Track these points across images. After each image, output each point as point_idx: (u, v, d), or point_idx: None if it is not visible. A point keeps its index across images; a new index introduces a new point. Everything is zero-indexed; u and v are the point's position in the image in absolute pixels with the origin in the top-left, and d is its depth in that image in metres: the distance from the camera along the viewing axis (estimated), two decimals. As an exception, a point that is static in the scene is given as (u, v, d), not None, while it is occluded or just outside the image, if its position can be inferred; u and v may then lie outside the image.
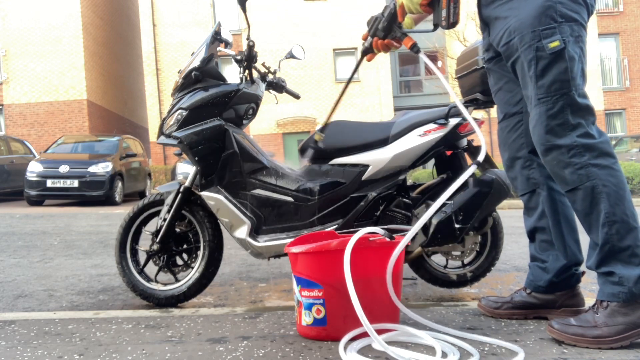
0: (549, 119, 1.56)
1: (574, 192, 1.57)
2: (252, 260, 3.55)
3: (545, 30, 1.54)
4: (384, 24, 1.79)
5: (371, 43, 1.86)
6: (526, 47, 1.58)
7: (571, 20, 1.55)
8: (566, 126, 1.55)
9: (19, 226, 5.93)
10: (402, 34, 1.80)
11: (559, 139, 1.55)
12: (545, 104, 1.57)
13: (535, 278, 1.81)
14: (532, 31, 1.56)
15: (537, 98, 1.59)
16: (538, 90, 1.58)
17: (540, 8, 1.55)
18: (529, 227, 1.85)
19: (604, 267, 1.52)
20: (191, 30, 18.21)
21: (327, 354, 1.47)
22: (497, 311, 1.83)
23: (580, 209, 1.57)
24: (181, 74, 2.28)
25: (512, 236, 4.59)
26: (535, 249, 1.83)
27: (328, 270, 1.58)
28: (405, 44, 1.79)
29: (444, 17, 1.65)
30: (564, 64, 1.54)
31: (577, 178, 1.54)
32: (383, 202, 2.20)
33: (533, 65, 1.57)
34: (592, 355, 1.42)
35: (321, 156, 2.29)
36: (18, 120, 17.32)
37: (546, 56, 1.55)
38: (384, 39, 1.82)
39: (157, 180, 15.61)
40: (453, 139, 2.24)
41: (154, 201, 2.35)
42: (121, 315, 2.01)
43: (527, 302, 1.81)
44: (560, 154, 1.56)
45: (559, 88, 1.55)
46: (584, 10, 1.58)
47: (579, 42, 1.56)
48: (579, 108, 1.55)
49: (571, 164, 1.54)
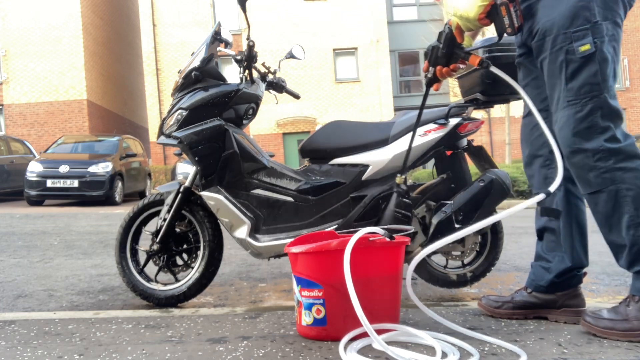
0: (577, 121, 1.55)
1: (596, 195, 1.56)
2: (252, 260, 3.55)
3: (577, 32, 1.52)
4: (444, 50, 1.74)
5: (434, 73, 1.80)
6: (557, 48, 1.56)
7: (606, 20, 1.52)
8: (594, 129, 1.53)
9: (19, 226, 5.93)
10: (466, 54, 1.74)
11: (586, 142, 1.54)
12: (574, 107, 1.55)
13: (537, 278, 1.81)
14: (564, 33, 1.53)
15: (566, 100, 1.57)
16: (567, 93, 1.56)
17: (573, 8, 1.52)
18: (539, 226, 1.84)
19: (637, 267, 1.54)
20: (191, 30, 18.21)
21: (327, 354, 1.47)
22: (498, 310, 1.83)
23: (602, 211, 1.57)
24: (181, 74, 2.28)
25: (512, 236, 4.59)
26: (542, 248, 1.83)
27: (328, 270, 1.58)
28: (472, 62, 1.72)
29: (507, 24, 1.61)
30: (594, 67, 1.52)
31: (601, 181, 1.54)
32: (383, 202, 2.20)
33: (563, 67, 1.55)
34: (593, 356, 1.42)
35: (321, 156, 2.29)
36: (18, 120, 17.32)
37: (576, 60, 1.53)
38: (447, 66, 1.77)
39: (157, 180, 15.61)
40: (453, 139, 2.24)
41: (154, 201, 2.35)
42: (121, 315, 2.01)
43: (527, 301, 1.81)
44: (585, 158, 1.55)
45: (589, 91, 1.53)
46: (620, 7, 1.55)
47: (612, 42, 1.53)
48: (610, 111, 1.53)
49: (596, 167, 1.54)
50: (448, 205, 2.14)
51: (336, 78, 18.65)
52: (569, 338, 1.57)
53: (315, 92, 18.37)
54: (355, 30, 18.53)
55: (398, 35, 19.44)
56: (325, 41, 18.35)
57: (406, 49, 19.76)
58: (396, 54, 19.80)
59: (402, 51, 19.91)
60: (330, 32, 18.39)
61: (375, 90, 18.58)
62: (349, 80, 18.65)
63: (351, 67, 18.82)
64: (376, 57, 18.63)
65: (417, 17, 19.66)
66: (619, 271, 3.04)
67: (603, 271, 3.06)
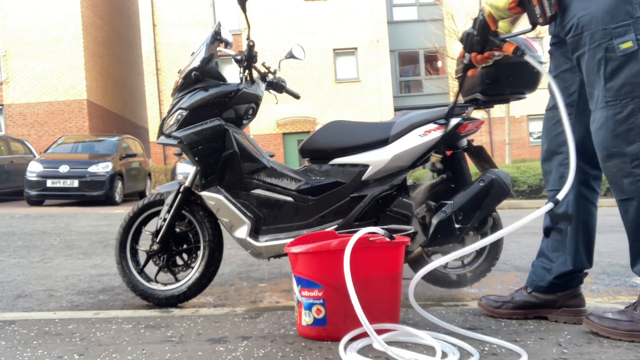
0: (616, 123, 1.48)
1: (628, 202, 1.51)
2: (252, 260, 3.55)
3: (618, 28, 1.44)
4: (478, 37, 1.71)
5: (470, 59, 1.78)
6: (595, 45, 1.48)
7: None
8: (634, 132, 1.47)
9: (19, 226, 5.93)
10: (501, 41, 1.69)
11: (626, 146, 1.47)
12: (613, 108, 1.48)
13: (537, 278, 1.80)
14: (603, 29, 1.46)
15: (604, 100, 1.50)
16: (606, 93, 1.49)
17: (613, 2, 1.44)
18: (546, 224, 1.80)
19: None
20: (191, 30, 18.21)
21: (327, 354, 1.47)
22: (498, 310, 1.83)
23: (632, 219, 1.52)
24: (181, 74, 2.28)
25: (512, 236, 4.59)
26: (547, 245, 1.80)
27: (328, 270, 1.58)
28: (506, 50, 1.68)
29: (539, 14, 1.56)
30: (636, 66, 1.44)
31: (635, 189, 1.48)
32: (383, 202, 2.20)
33: (602, 65, 1.48)
34: (593, 356, 1.42)
35: (321, 156, 2.29)
36: (18, 120, 17.32)
37: (616, 57, 1.45)
38: (482, 53, 1.73)
39: (157, 180, 15.60)
40: (453, 139, 2.24)
41: (154, 201, 2.35)
42: (121, 315, 2.01)
43: (528, 301, 1.81)
44: (622, 163, 1.49)
45: (630, 91, 1.46)
46: None
47: None
48: None
49: (632, 174, 1.47)
50: (448, 205, 2.14)
51: (336, 78, 18.65)
52: (569, 338, 1.58)
53: (315, 92, 18.37)
54: (355, 30, 18.53)
55: (398, 35, 19.44)
56: (325, 41, 18.35)
57: (406, 49, 19.76)
58: (396, 54, 19.80)
59: (402, 51, 19.90)
60: (330, 32, 18.39)
61: (375, 90, 18.58)
62: (349, 80, 18.65)
63: (351, 67, 18.82)
64: (376, 57, 18.63)
65: (417, 17, 19.66)
66: (619, 271, 3.04)
67: (603, 271, 3.06)
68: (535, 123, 19.50)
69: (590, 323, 1.59)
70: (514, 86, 2.13)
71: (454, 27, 14.25)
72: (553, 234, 1.79)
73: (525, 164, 11.18)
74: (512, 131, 16.90)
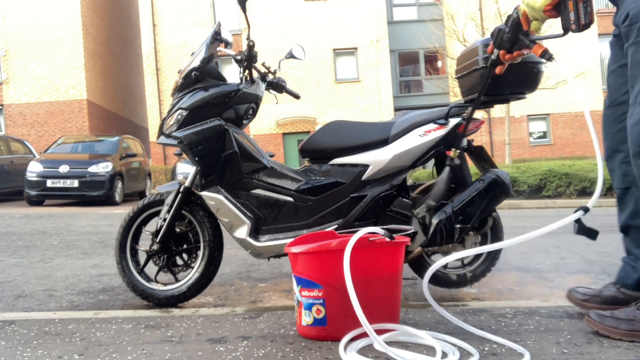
0: None
1: None
2: (252, 260, 3.55)
3: None
4: (509, 35, 1.70)
5: (498, 55, 1.77)
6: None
7: None
8: None
9: (19, 226, 5.93)
10: (531, 42, 1.68)
11: None
12: None
13: (625, 275, 1.77)
14: None
15: None
16: None
17: None
18: (621, 223, 1.77)
19: None
20: (191, 30, 18.21)
21: (327, 354, 1.47)
22: (584, 303, 1.79)
23: None
24: (181, 74, 2.28)
25: (512, 236, 4.58)
26: (631, 242, 1.76)
27: (328, 270, 1.58)
28: (535, 52, 1.67)
29: (572, 20, 1.55)
30: None
31: None
32: (383, 202, 2.20)
33: None
34: (593, 356, 1.42)
35: (321, 156, 2.29)
36: (18, 120, 17.32)
37: None
38: (511, 51, 1.73)
39: (157, 180, 15.61)
40: (453, 139, 2.24)
41: (154, 201, 2.35)
42: (121, 315, 2.01)
43: (616, 297, 1.76)
44: None
45: None
46: None
47: None
48: None
49: None
50: (448, 205, 2.14)
51: (336, 78, 18.65)
52: (569, 338, 1.58)
53: (315, 92, 18.37)
54: (355, 30, 18.53)
55: (398, 35, 19.44)
56: (325, 41, 18.35)
57: (406, 49, 19.77)
58: (396, 54, 19.80)
59: (402, 51, 19.91)
60: (330, 32, 18.39)
61: (375, 90, 18.59)
62: (349, 80, 18.65)
63: (351, 67, 18.82)
64: (376, 57, 18.63)
65: (417, 17, 19.66)
66: (619, 271, 3.03)
67: (603, 271, 3.06)
68: (535, 123, 19.50)
69: (591, 321, 1.59)
70: (514, 86, 2.13)
71: (454, 27, 14.24)
72: (632, 232, 1.74)
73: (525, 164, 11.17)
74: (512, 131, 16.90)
